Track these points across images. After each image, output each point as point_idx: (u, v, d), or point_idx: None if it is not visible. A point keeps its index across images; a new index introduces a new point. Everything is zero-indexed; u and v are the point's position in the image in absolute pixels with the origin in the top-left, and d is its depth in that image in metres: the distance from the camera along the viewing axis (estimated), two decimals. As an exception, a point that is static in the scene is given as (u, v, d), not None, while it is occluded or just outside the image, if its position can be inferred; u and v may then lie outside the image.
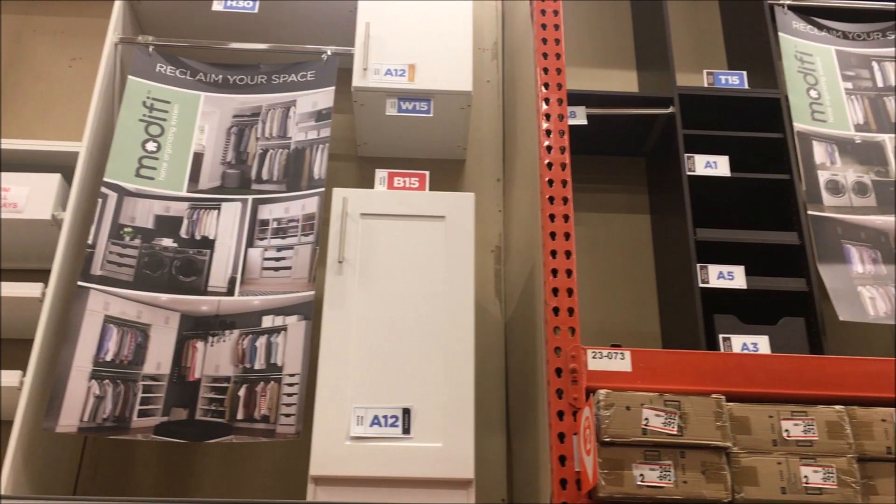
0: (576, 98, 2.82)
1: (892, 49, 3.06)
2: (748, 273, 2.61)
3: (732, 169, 2.76)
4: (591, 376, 2.09)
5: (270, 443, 2.60)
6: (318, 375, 2.21)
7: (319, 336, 2.28)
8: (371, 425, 2.15)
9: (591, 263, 3.05)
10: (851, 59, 3.04)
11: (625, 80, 3.32)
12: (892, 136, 2.89)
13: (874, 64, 3.04)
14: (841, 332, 2.84)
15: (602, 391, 2.04)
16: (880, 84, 3.00)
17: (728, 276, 2.62)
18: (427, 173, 2.49)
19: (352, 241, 2.35)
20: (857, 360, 2.15)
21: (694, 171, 2.75)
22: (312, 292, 2.42)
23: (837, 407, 2.06)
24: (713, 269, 2.62)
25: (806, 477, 1.98)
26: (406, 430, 2.15)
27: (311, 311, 2.39)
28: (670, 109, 2.84)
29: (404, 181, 2.46)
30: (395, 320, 2.28)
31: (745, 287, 2.59)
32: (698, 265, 2.61)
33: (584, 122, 2.81)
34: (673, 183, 2.80)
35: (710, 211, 2.79)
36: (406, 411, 2.16)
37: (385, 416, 2.15)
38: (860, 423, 2.05)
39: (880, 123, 2.92)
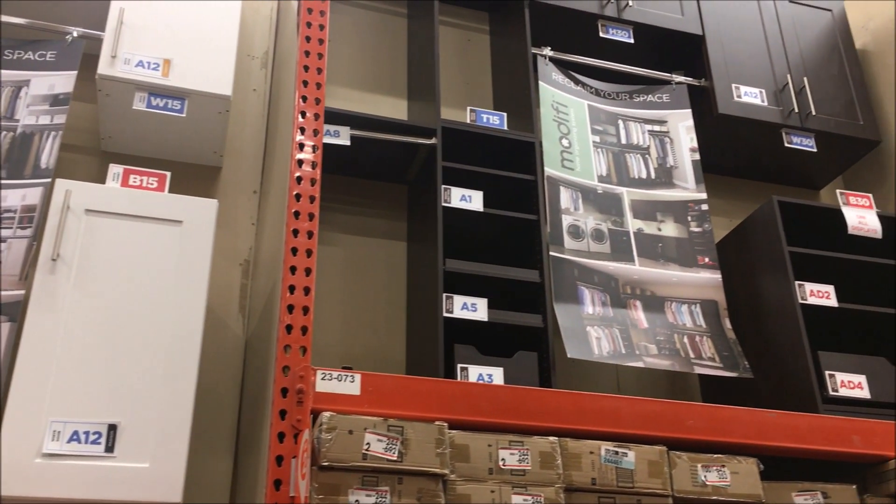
0: (341, 118, 2.80)
1: (637, 110, 3.33)
2: (493, 306, 2.69)
3: (486, 205, 2.85)
4: (318, 398, 2.03)
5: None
6: (11, 382, 1.97)
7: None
8: (69, 441, 1.94)
9: (345, 286, 3.01)
10: (601, 114, 3.27)
11: (396, 108, 3.35)
12: (630, 189, 3.12)
13: (620, 122, 3.28)
14: (570, 368, 3.00)
15: (326, 414, 1.98)
16: (623, 141, 3.24)
17: (471, 308, 2.68)
18: (168, 174, 2.33)
19: (71, 239, 2.14)
20: (573, 395, 2.26)
21: (449, 202, 2.80)
22: (22, 292, 2.18)
23: (551, 438, 2.14)
24: (458, 300, 2.67)
25: (516, 505, 2.04)
26: (109, 448, 1.96)
27: (17, 313, 2.14)
28: (433, 140, 2.89)
29: (141, 180, 2.28)
30: (113, 328, 2.09)
31: (486, 319, 2.66)
32: (444, 295, 2.65)
33: (347, 142, 2.79)
34: (429, 213, 2.84)
35: (463, 243, 2.86)
36: (112, 427, 1.98)
37: (87, 433, 1.96)
38: (571, 454, 2.15)
39: (620, 177, 3.15)
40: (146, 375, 2.06)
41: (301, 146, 2.31)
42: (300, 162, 2.28)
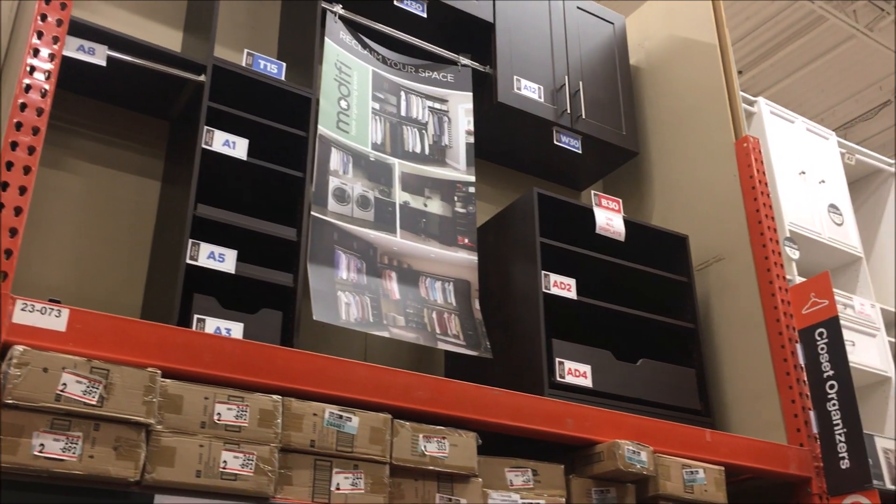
0: (100, 35, 2.55)
1: (421, 85, 3.33)
2: (243, 259, 2.57)
3: (251, 154, 2.72)
4: (14, 330, 1.83)
5: None
6: None
7: None
8: None
9: (85, 220, 2.76)
10: (384, 83, 3.23)
11: (170, 39, 3.12)
12: (402, 161, 3.12)
13: (402, 93, 3.26)
14: (318, 332, 2.95)
15: (19, 348, 1.79)
16: (403, 113, 3.22)
17: (219, 258, 2.55)
18: None
19: None
20: (303, 354, 2.21)
21: (211, 146, 2.65)
22: None
23: (275, 396, 2.07)
24: (205, 248, 2.53)
25: (225, 462, 1.95)
26: None
27: None
28: (201, 77, 2.71)
29: None
30: None
31: (233, 272, 2.54)
32: (191, 241, 2.50)
33: (103, 62, 2.55)
34: (188, 154, 2.67)
35: (222, 192, 2.71)
36: None
37: None
38: (293, 415, 2.09)
39: (394, 148, 3.13)
40: None
41: (35, 51, 2.06)
42: (31, 69, 2.05)
